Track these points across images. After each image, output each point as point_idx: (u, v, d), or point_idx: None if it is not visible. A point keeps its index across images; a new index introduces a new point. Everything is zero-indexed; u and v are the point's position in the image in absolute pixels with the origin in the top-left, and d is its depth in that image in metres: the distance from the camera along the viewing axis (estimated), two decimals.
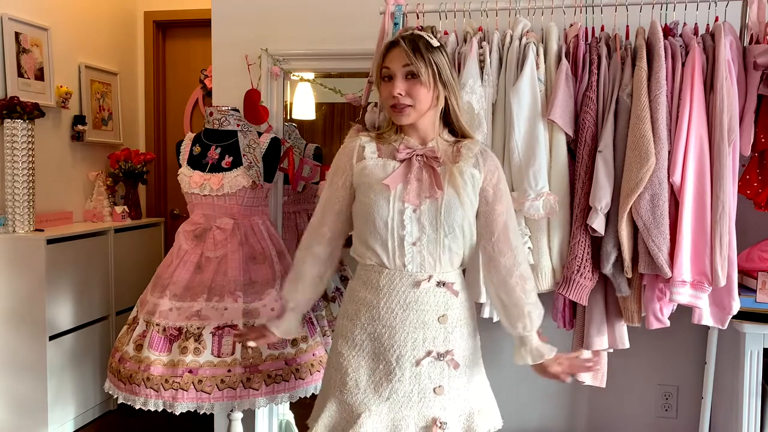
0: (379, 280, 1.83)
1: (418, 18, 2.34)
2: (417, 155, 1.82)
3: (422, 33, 1.81)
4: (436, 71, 1.78)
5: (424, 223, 1.78)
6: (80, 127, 3.76)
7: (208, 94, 4.16)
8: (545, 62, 2.16)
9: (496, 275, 1.87)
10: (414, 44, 1.77)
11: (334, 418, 1.87)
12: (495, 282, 1.88)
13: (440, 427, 1.81)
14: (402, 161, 1.82)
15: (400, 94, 1.77)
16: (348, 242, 1.98)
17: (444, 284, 1.82)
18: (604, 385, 2.30)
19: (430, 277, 1.81)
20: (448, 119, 1.87)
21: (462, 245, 1.83)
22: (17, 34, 3.32)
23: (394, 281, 1.82)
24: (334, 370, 1.89)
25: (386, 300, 1.82)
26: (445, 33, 2.30)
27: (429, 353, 1.81)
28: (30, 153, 3.21)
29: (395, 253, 1.80)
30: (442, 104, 1.83)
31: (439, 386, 1.82)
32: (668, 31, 2.13)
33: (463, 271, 1.94)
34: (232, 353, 2.33)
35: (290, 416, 2.94)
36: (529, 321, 1.84)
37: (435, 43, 1.80)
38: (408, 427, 1.81)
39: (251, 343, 2.06)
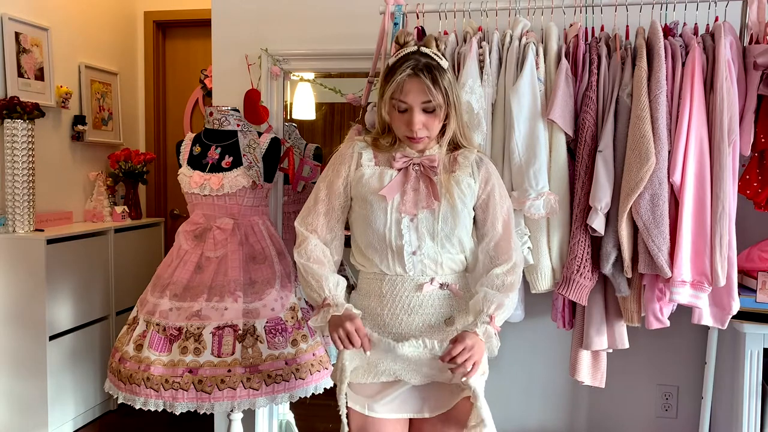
0: (381, 287, 1.83)
1: (418, 18, 2.34)
2: (414, 164, 1.81)
3: (431, 53, 1.76)
4: (449, 99, 1.75)
5: (422, 232, 1.78)
6: (80, 127, 3.76)
7: (208, 94, 4.16)
8: (545, 62, 2.16)
9: (485, 274, 1.83)
10: (432, 76, 1.72)
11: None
12: (481, 280, 1.85)
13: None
14: (399, 170, 1.81)
15: (419, 129, 1.75)
16: (347, 242, 1.97)
17: (447, 286, 1.82)
18: (603, 385, 2.30)
19: (432, 280, 1.80)
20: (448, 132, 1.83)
21: (462, 251, 1.84)
22: (17, 34, 3.32)
23: (396, 286, 1.81)
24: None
25: (390, 307, 1.82)
26: (445, 33, 2.30)
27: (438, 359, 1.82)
28: (30, 153, 3.21)
29: (394, 262, 1.80)
30: (450, 126, 1.81)
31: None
32: (668, 31, 2.13)
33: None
34: (232, 353, 2.33)
35: (290, 416, 2.94)
36: (488, 303, 1.75)
37: (444, 64, 1.77)
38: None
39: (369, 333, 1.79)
